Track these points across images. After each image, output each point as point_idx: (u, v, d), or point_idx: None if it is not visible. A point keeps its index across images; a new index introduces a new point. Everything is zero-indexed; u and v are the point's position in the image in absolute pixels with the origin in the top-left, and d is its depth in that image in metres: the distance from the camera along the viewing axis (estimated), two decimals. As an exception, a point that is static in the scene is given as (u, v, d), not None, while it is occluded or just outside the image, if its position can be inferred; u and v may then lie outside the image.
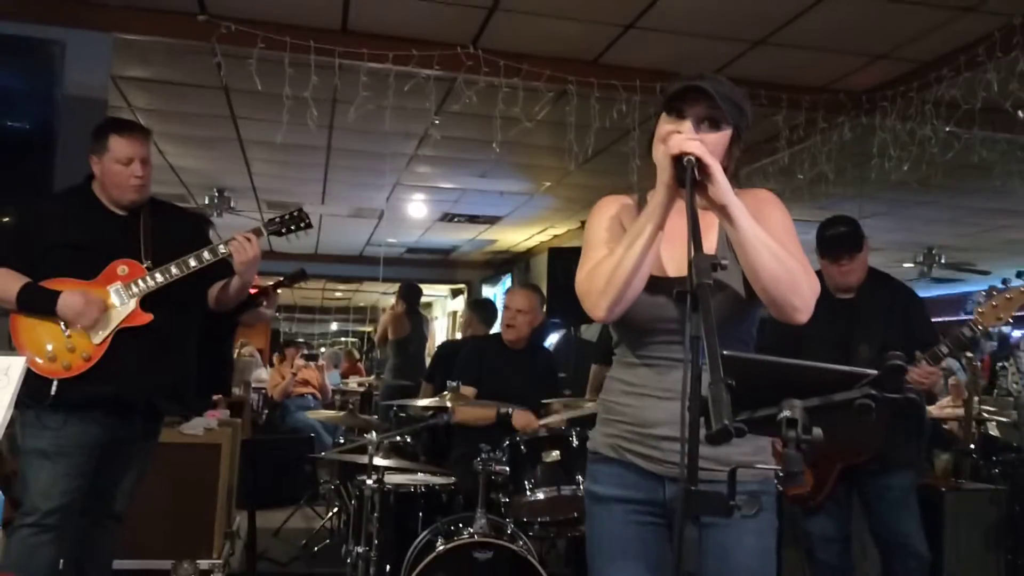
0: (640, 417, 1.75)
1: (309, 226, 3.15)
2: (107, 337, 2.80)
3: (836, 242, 3.34)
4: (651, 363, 1.77)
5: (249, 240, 2.88)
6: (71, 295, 2.75)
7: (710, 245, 1.73)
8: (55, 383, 2.73)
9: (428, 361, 7.48)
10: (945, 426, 6.32)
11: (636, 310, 1.71)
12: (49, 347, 2.75)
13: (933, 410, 6.68)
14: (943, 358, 3.13)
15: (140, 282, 2.84)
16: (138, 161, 2.88)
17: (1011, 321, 3.10)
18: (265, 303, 3.66)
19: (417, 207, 8.90)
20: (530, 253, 11.45)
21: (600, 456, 1.84)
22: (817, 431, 1.20)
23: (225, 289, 3.02)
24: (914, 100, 4.46)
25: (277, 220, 3.12)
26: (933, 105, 4.41)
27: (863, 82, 4.78)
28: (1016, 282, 3.04)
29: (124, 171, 2.87)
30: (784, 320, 1.63)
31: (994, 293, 3.04)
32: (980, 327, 3.05)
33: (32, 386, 2.44)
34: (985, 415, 5.85)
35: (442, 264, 12.87)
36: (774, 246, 1.59)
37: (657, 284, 1.72)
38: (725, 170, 1.61)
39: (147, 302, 2.85)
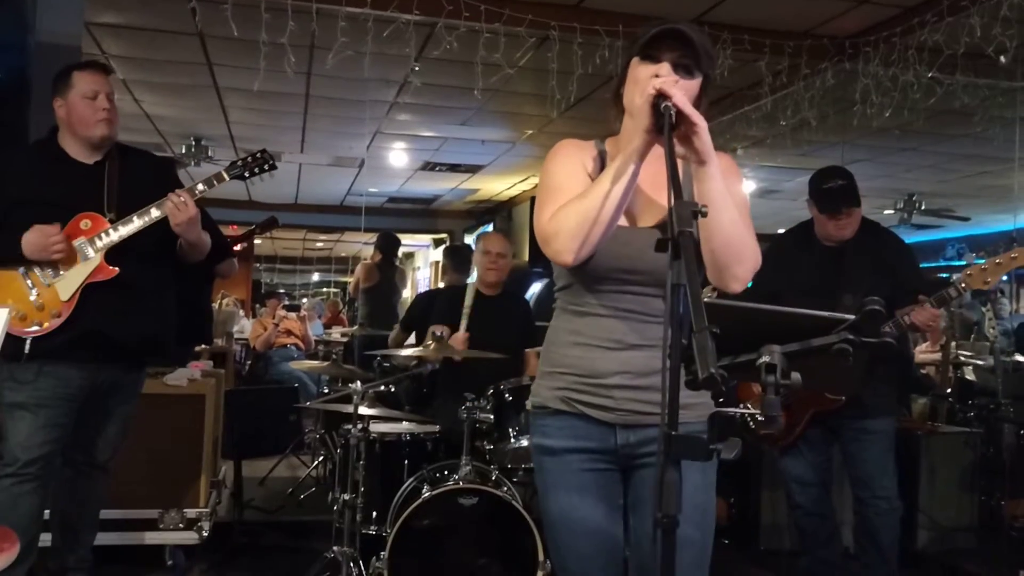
0: (590, 368, 1.75)
1: (274, 167, 3.08)
2: (75, 293, 2.78)
3: (835, 196, 3.25)
4: (601, 313, 1.75)
5: (185, 201, 2.81)
6: (29, 234, 2.72)
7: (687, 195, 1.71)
8: (28, 341, 2.72)
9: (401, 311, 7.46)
10: (923, 371, 6.40)
11: (597, 257, 1.68)
12: (18, 308, 2.73)
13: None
14: (950, 301, 3.14)
15: (103, 235, 2.81)
16: (104, 95, 2.88)
17: (996, 285, 3.15)
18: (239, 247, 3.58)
19: (398, 156, 8.82)
20: (512, 202, 11.41)
21: (548, 410, 1.81)
22: (796, 376, 1.21)
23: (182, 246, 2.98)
24: (897, 45, 4.43)
25: (239, 163, 3.05)
26: (916, 51, 4.39)
27: (846, 27, 4.75)
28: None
29: (91, 105, 2.85)
30: (720, 287, 1.65)
31: (988, 259, 3.07)
32: (964, 287, 3.10)
33: (6, 345, 2.42)
34: (962, 359, 5.92)
35: (424, 214, 12.81)
36: (735, 212, 1.61)
37: (620, 233, 1.69)
38: None
39: (115, 254, 2.82)
